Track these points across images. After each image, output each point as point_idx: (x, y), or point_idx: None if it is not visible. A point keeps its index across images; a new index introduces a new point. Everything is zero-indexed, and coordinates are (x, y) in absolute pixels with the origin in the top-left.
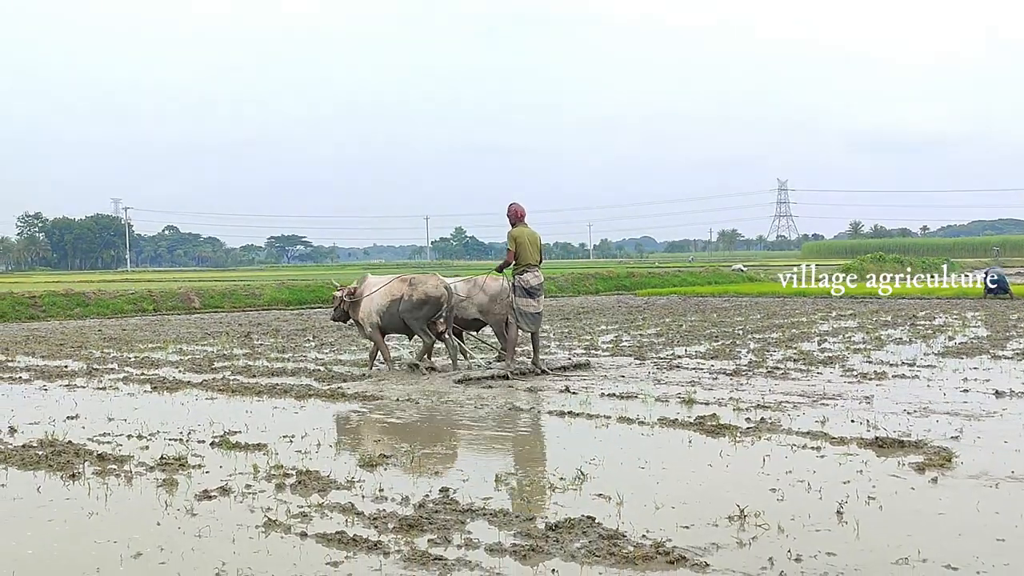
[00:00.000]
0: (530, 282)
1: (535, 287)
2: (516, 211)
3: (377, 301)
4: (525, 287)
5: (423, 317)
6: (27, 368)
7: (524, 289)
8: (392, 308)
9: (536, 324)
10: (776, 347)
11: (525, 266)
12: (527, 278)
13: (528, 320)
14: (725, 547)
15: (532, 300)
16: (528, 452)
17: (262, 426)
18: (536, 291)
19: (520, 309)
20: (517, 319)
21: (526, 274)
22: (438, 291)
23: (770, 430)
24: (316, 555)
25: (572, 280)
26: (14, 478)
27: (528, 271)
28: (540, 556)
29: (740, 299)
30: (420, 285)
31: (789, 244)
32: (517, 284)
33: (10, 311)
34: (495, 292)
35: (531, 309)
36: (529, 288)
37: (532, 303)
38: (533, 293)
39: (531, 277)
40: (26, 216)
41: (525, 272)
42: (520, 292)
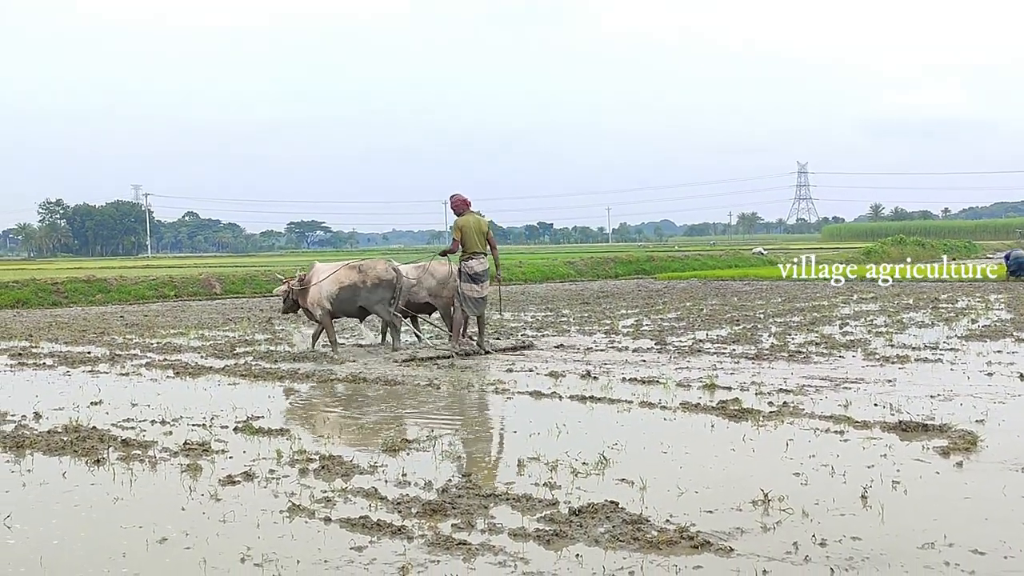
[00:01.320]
0: (475, 268)
1: (479, 273)
2: (459, 201)
3: (326, 288)
4: (470, 273)
5: (383, 300)
6: (51, 354)
7: (469, 275)
8: (342, 295)
9: (480, 308)
10: (797, 331)
11: (470, 253)
12: (472, 264)
13: (472, 304)
14: (749, 531)
15: (476, 285)
16: (550, 437)
17: (285, 411)
18: (480, 277)
19: (465, 294)
20: (462, 303)
21: (471, 261)
22: (388, 274)
23: (793, 414)
24: (340, 540)
25: (591, 264)
26: (40, 463)
27: (473, 258)
28: (564, 541)
29: (760, 283)
30: (370, 270)
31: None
32: (462, 270)
33: (33, 297)
34: (443, 276)
35: (475, 294)
36: (473, 274)
37: (476, 288)
38: (477, 279)
39: (475, 264)
40: (47, 203)
41: (470, 259)
42: (465, 278)
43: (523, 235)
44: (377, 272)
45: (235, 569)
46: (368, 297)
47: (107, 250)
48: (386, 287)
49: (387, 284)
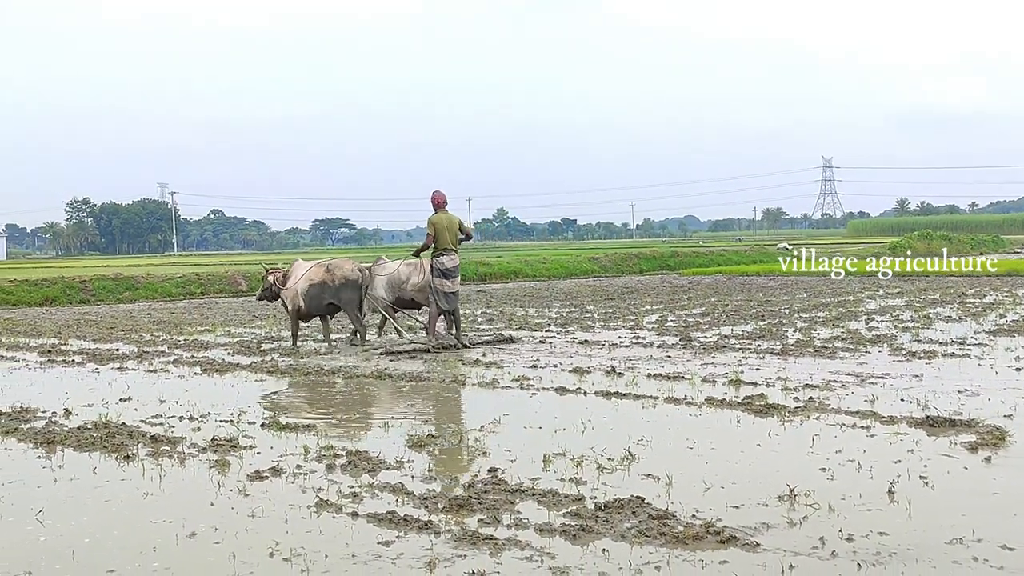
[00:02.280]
0: (446, 264)
1: (451, 269)
2: (437, 199)
3: (301, 286)
4: (442, 269)
5: (351, 299)
6: (79, 351)
7: (440, 271)
8: (311, 292)
9: (453, 303)
10: (823, 326)
11: (442, 250)
12: (443, 261)
13: (444, 299)
14: (775, 526)
15: (448, 281)
16: (575, 433)
17: (311, 407)
18: (452, 272)
19: (437, 289)
20: (435, 298)
21: (443, 257)
22: (355, 274)
23: (819, 409)
24: (368, 535)
25: (615, 260)
26: (70, 459)
27: (445, 254)
28: (590, 536)
29: (786, 278)
30: (338, 270)
31: (834, 222)
32: (435, 266)
33: (61, 295)
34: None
35: (447, 289)
36: (445, 270)
37: (448, 283)
38: (449, 275)
39: (447, 260)
40: (75, 201)
41: (442, 255)
42: (437, 273)
43: (546, 231)
44: (344, 272)
45: (264, 564)
46: (336, 295)
47: (134, 248)
48: (352, 287)
49: (353, 284)
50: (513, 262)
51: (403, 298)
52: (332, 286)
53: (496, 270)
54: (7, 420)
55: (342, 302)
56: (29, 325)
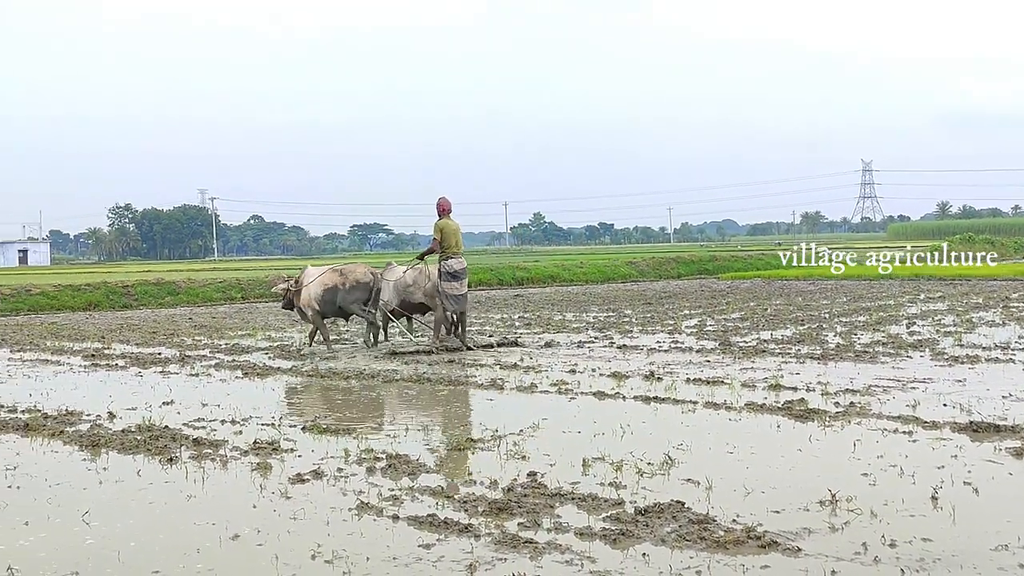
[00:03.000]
0: (454, 267)
1: (458, 271)
2: (443, 205)
3: (314, 290)
4: (449, 272)
5: (359, 300)
6: (122, 355)
7: (448, 274)
8: (326, 296)
9: (460, 305)
10: (864, 330)
11: (450, 254)
12: (451, 264)
13: (452, 301)
14: (817, 532)
15: (456, 283)
16: (614, 437)
17: (351, 411)
18: (459, 275)
19: (445, 292)
20: (443, 300)
21: (451, 260)
22: (366, 277)
23: (860, 414)
24: (408, 537)
25: (653, 264)
26: (115, 462)
27: (452, 258)
28: (630, 540)
29: (825, 282)
30: (350, 274)
31: (874, 226)
32: (442, 269)
33: (104, 300)
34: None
35: (455, 291)
36: (453, 272)
37: (456, 286)
38: (457, 277)
39: (455, 263)
40: (117, 207)
41: (450, 259)
42: (445, 276)
43: (583, 235)
44: (356, 276)
45: (306, 566)
46: (346, 298)
47: (175, 253)
48: (363, 289)
49: (364, 286)
50: (550, 266)
51: (409, 302)
52: (343, 289)
53: (533, 275)
54: (53, 423)
55: (349, 303)
56: (73, 329)
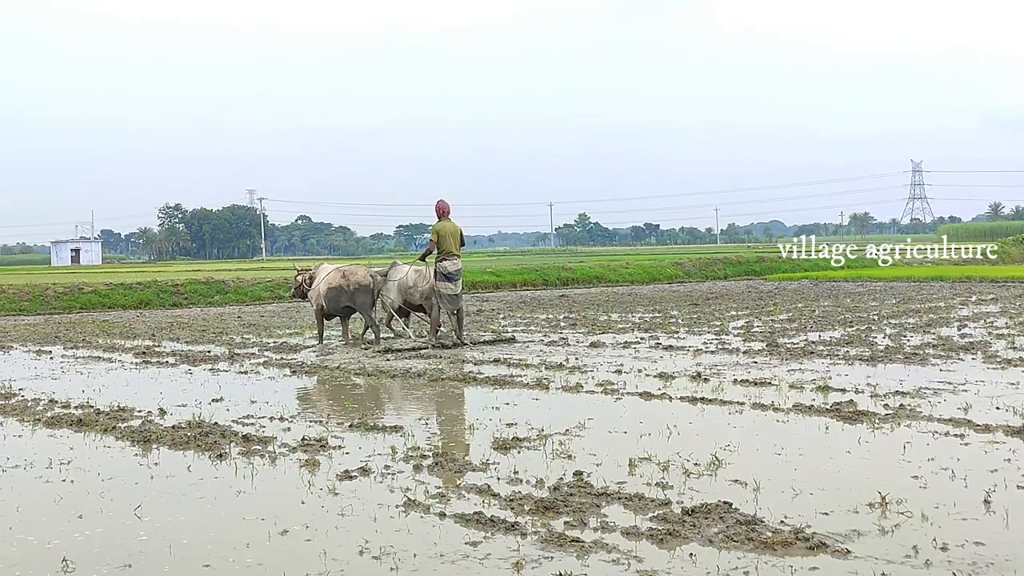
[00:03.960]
0: (449, 268)
1: (453, 273)
2: (441, 208)
3: (321, 288)
4: (444, 273)
5: (364, 303)
6: (173, 353)
7: (443, 274)
8: (330, 294)
9: (455, 304)
10: (913, 332)
11: (445, 255)
12: (446, 265)
13: (447, 300)
14: (867, 534)
15: (451, 284)
16: (661, 438)
17: (398, 408)
18: (454, 276)
19: (440, 292)
20: (438, 300)
21: (445, 262)
22: (366, 279)
23: (910, 417)
24: (455, 535)
25: (699, 265)
26: (166, 457)
27: (447, 259)
28: (677, 540)
29: (874, 283)
30: (352, 276)
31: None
32: (438, 270)
33: (155, 299)
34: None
35: (450, 291)
36: (448, 274)
37: (451, 286)
38: (451, 278)
39: (450, 264)
40: (167, 207)
41: (445, 260)
42: (440, 277)
43: (629, 236)
44: (357, 278)
45: (354, 561)
46: (351, 299)
47: (223, 253)
48: (364, 291)
49: (365, 288)
50: (595, 267)
51: (411, 303)
52: (347, 290)
53: (578, 275)
54: (105, 418)
55: (356, 304)
56: (124, 327)
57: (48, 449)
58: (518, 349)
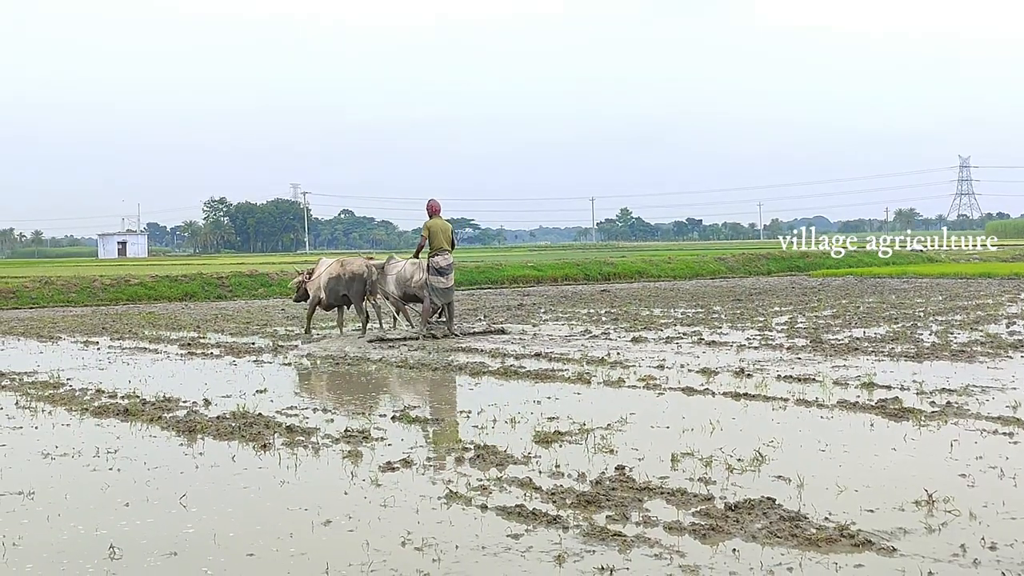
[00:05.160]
0: (440, 263)
1: (444, 267)
2: (431, 206)
3: (323, 279)
4: (436, 267)
5: (360, 291)
6: (217, 344)
7: (436, 269)
8: (330, 284)
9: (446, 297)
10: (960, 329)
11: (436, 250)
12: (438, 260)
13: (439, 294)
14: (913, 532)
15: (442, 278)
16: (703, 433)
17: (440, 401)
18: (445, 271)
19: (432, 285)
20: (430, 293)
21: (437, 257)
22: (361, 269)
23: (957, 414)
24: (497, 527)
25: (743, 261)
26: (211, 447)
27: (439, 254)
28: (720, 536)
29: (920, 280)
30: (348, 266)
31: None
32: (430, 265)
33: (200, 291)
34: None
35: (441, 285)
36: (440, 268)
37: (442, 280)
38: (443, 272)
39: (441, 259)
40: (212, 201)
41: (436, 255)
42: (432, 271)
43: (671, 231)
44: (352, 268)
45: (396, 552)
46: (347, 287)
47: (267, 246)
48: (359, 281)
49: (359, 278)
50: (637, 262)
51: (409, 294)
52: (343, 278)
53: (620, 270)
54: (151, 409)
55: (351, 293)
56: (170, 319)
57: (95, 438)
58: (559, 343)
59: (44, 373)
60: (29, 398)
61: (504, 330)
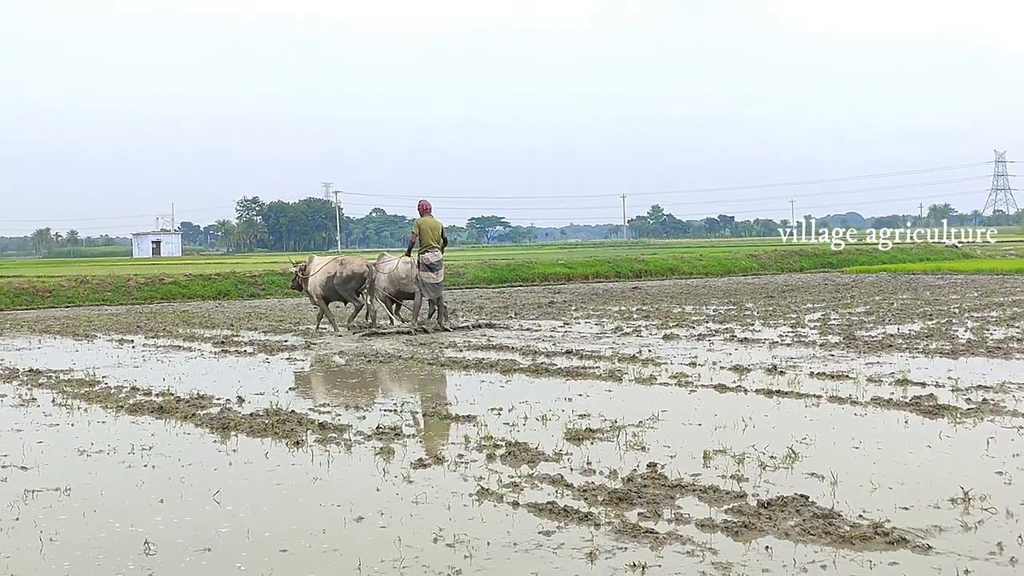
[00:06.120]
0: (430, 260)
1: (434, 263)
2: (422, 206)
3: (319, 277)
4: (426, 263)
5: (352, 288)
6: (250, 342)
7: (426, 265)
8: (328, 283)
9: (436, 292)
10: (997, 326)
11: (427, 247)
12: (428, 257)
13: (429, 289)
14: (948, 530)
15: (432, 273)
16: (735, 430)
17: (471, 399)
18: (435, 267)
19: (423, 281)
20: (420, 288)
21: (427, 253)
22: (361, 268)
23: (993, 412)
24: (528, 524)
25: (775, 258)
26: (244, 444)
27: (429, 251)
28: (753, 533)
29: (954, 276)
30: (348, 265)
31: (1007, 219)
32: (420, 261)
33: (233, 289)
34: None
35: (431, 280)
36: (429, 264)
37: (432, 276)
38: (433, 268)
39: (431, 256)
40: (245, 200)
41: (427, 252)
42: (423, 267)
43: (703, 228)
44: (352, 267)
45: (428, 548)
46: (343, 286)
47: (300, 245)
48: (357, 279)
49: (359, 277)
50: (669, 259)
51: (403, 291)
52: (341, 278)
53: (651, 267)
54: (185, 406)
55: (346, 290)
56: (203, 317)
57: (130, 435)
58: (590, 340)
59: (80, 371)
60: (65, 395)
61: (491, 324)
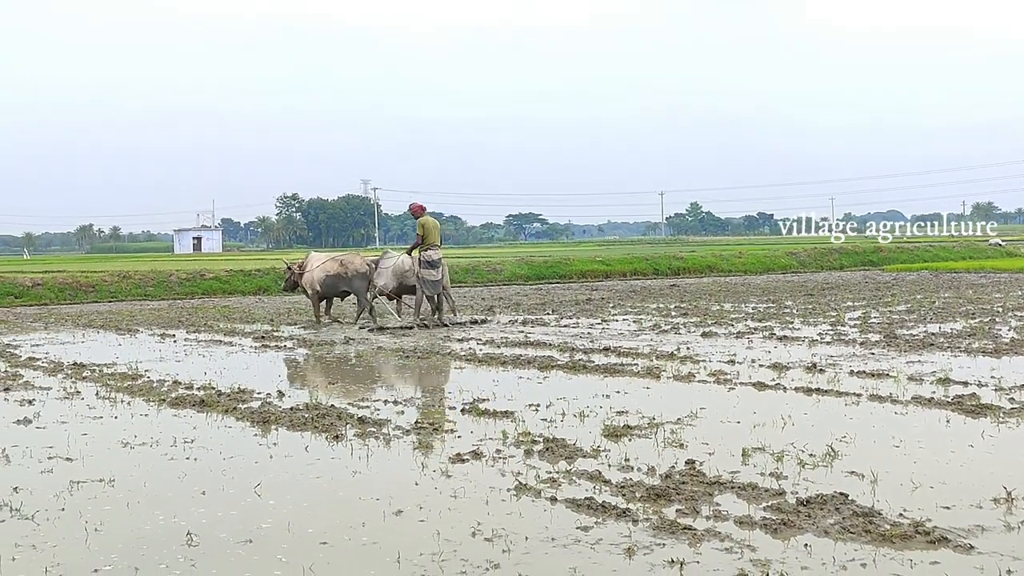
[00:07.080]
0: (431, 257)
1: (435, 260)
2: (417, 208)
3: (317, 275)
4: (428, 261)
5: (360, 287)
6: (290, 337)
7: (427, 262)
8: (328, 281)
9: (436, 288)
10: None
11: (428, 245)
12: (429, 254)
13: (430, 285)
14: (991, 530)
15: (433, 271)
16: (775, 428)
17: (508, 394)
18: (436, 264)
19: (424, 277)
20: (422, 285)
21: (429, 251)
22: (363, 267)
23: None
24: (566, 519)
25: (814, 255)
26: (284, 438)
27: (430, 249)
28: (792, 531)
29: (998, 275)
30: (350, 264)
31: None
32: (422, 259)
33: (273, 285)
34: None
35: (432, 277)
36: (431, 262)
37: (433, 273)
38: (434, 265)
39: (432, 253)
40: (284, 197)
41: (428, 250)
42: (424, 265)
43: (742, 226)
44: (355, 266)
45: (466, 542)
46: (348, 284)
47: (338, 241)
48: (362, 277)
49: (362, 275)
50: (707, 256)
51: (406, 285)
52: (346, 276)
53: (690, 264)
54: (226, 400)
55: (353, 289)
56: (244, 312)
57: (172, 428)
58: (628, 338)
59: (123, 365)
60: (109, 389)
61: (487, 320)
